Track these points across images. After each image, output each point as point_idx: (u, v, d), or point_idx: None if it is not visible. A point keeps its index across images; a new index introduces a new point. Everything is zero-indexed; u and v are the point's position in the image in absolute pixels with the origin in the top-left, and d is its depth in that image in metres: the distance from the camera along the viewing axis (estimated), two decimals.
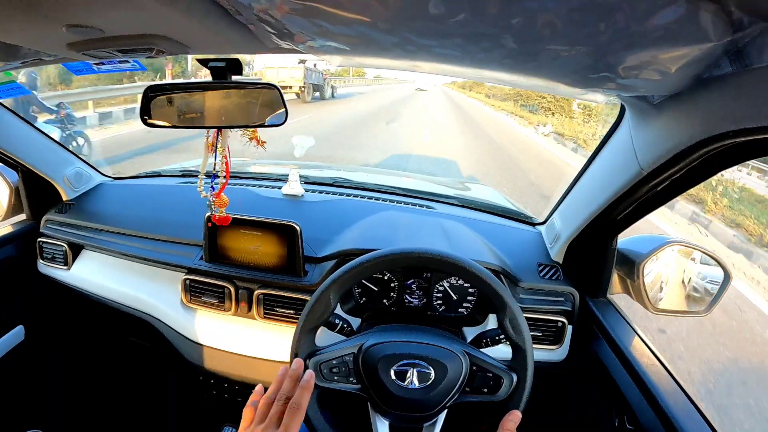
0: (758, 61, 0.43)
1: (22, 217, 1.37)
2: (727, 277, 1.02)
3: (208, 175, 0.97)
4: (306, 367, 0.82)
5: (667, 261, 1.08)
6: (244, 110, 0.90)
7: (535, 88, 0.80)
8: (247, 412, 0.68)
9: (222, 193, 0.97)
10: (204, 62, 0.86)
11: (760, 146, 0.57)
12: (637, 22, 0.42)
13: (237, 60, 0.85)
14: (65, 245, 1.29)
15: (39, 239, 1.32)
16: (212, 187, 0.97)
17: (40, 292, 1.37)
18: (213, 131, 0.93)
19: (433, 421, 0.82)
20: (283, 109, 0.87)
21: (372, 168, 5.91)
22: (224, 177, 0.96)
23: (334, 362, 0.82)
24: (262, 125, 0.89)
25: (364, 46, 0.63)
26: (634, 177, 0.79)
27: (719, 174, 0.72)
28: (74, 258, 1.31)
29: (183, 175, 1.57)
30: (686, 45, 0.44)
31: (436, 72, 0.73)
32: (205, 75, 0.91)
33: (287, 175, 1.40)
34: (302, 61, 15.13)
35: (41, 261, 1.34)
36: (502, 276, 1.09)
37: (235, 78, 0.88)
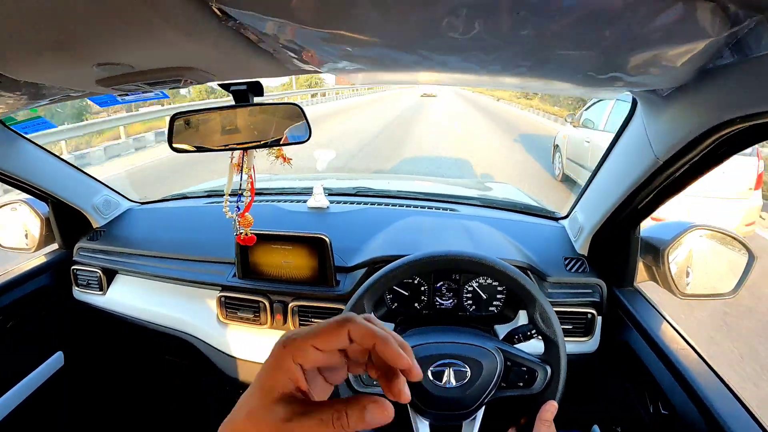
0: (756, 51, 0.46)
1: (54, 246, 1.41)
2: (752, 257, 1.02)
3: (233, 194, 1.00)
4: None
5: (693, 246, 1.08)
6: (268, 129, 0.92)
7: (548, 91, 0.82)
8: None
9: (247, 213, 1.00)
10: (226, 86, 0.89)
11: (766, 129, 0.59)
12: (639, 26, 0.44)
13: (258, 82, 0.88)
14: (99, 271, 1.32)
15: (73, 267, 1.36)
16: (237, 207, 1.00)
17: (76, 318, 1.40)
18: (239, 152, 0.96)
19: (472, 417, 0.84)
20: (306, 125, 0.90)
21: (394, 175, 5.87)
22: (249, 196, 0.98)
23: None
24: (287, 143, 0.91)
25: (384, 64, 0.66)
26: (651, 167, 0.80)
27: None
28: (109, 283, 1.34)
29: (209, 195, 1.60)
30: (687, 42, 0.46)
31: (454, 83, 0.75)
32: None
33: (311, 188, 1.42)
34: None
35: (76, 288, 1.38)
36: (529, 272, 1.11)
37: (257, 99, 0.91)
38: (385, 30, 0.50)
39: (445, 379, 0.81)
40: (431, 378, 0.81)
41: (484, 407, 0.84)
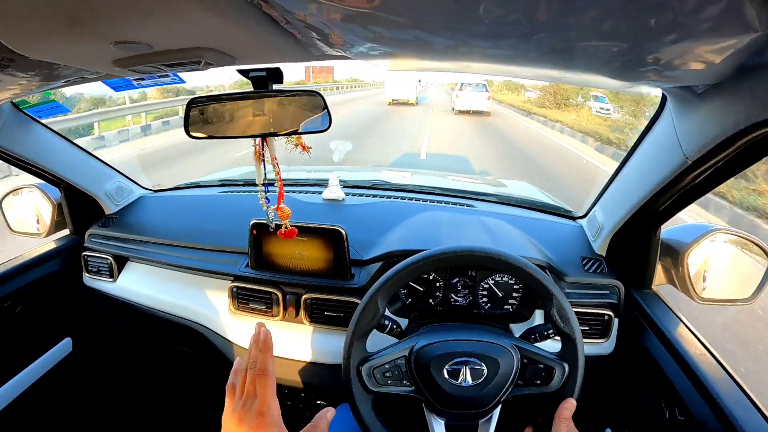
0: None
1: (66, 232, 1.40)
2: None
3: (263, 184, 0.96)
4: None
5: (712, 249, 1.07)
6: (288, 117, 0.90)
7: (579, 83, 0.80)
8: (228, 391, 0.68)
9: (282, 204, 0.96)
10: (245, 72, 0.87)
11: None
12: (684, 17, 0.42)
13: (278, 69, 0.86)
14: (110, 258, 1.31)
15: (84, 253, 1.35)
16: (267, 199, 0.96)
17: (85, 305, 1.40)
18: (259, 141, 0.94)
19: (488, 417, 0.82)
20: (327, 114, 0.88)
21: (410, 169, 5.90)
22: (278, 185, 0.95)
23: (386, 366, 0.82)
24: (307, 132, 0.89)
25: (415, 49, 0.64)
26: (679, 166, 0.78)
27: None
28: (119, 270, 1.33)
29: (222, 185, 1.59)
30: (732, 36, 0.45)
31: (486, 72, 0.74)
32: None
33: (326, 180, 1.40)
34: None
35: (86, 274, 1.37)
36: (547, 270, 1.09)
37: (276, 87, 0.89)
38: (421, 11, 0.48)
39: (461, 377, 0.79)
40: (447, 377, 0.79)
41: (500, 406, 0.83)
